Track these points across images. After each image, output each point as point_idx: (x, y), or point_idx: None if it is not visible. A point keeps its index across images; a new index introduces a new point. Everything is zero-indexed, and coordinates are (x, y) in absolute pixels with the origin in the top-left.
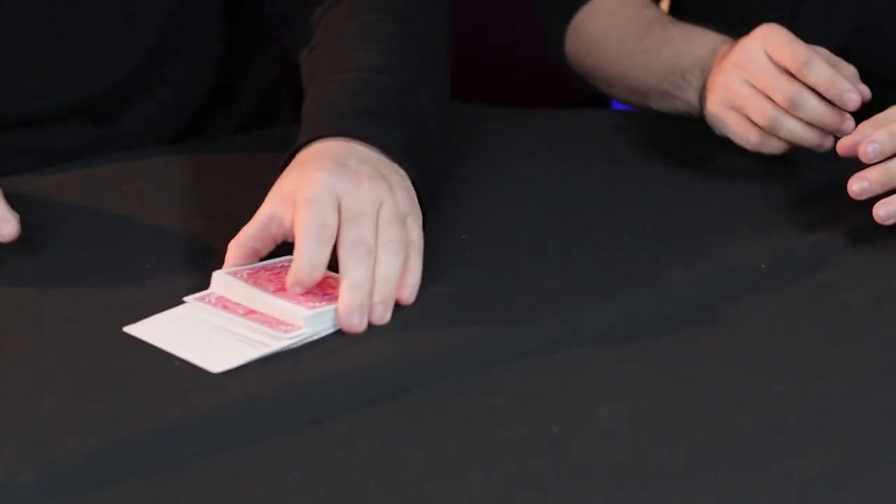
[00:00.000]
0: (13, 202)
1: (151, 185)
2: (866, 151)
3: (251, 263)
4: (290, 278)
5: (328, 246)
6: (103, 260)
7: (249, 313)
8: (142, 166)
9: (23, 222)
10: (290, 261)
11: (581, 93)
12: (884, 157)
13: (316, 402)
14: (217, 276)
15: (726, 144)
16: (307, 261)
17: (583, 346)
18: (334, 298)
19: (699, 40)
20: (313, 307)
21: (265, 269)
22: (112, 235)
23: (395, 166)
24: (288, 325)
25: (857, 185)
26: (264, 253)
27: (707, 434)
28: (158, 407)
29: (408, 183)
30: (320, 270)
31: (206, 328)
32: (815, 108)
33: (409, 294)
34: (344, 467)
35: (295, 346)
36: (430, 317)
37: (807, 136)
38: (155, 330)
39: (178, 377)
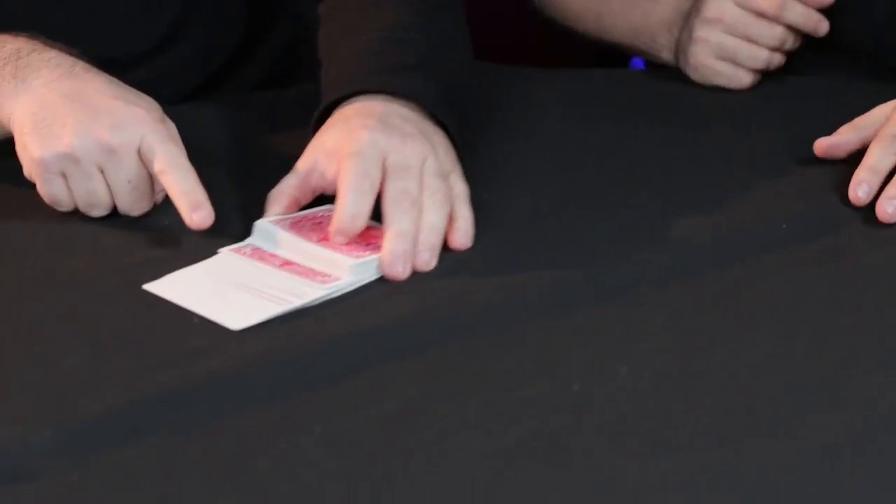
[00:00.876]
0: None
1: None
2: (886, 212)
3: (292, 213)
4: (332, 227)
5: (370, 197)
6: (122, 217)
7: (285, 264)
8: None
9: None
10: (331, 210)
11: (598, 52)
12: None
13: (337, 359)
14: (259, 225)
15: (748, 102)
16: (349, 210)
17: (604, 305)
18: (378, 248)
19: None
20: (358, 256)
21: (307, 218)
22: None
23: (434, 125)
24: (326, 275)
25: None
26: (303, 204)
27: (727, 393)
28: (178, 364)
29: (447, 141)
30: (362, 220)
31: (227, 285)
32: (798, 39)
33: (463, 238)
34: (366, 424)
35: (331, 296)
36: (451, 275)
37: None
38: (175, 287)
39: (198, 334)
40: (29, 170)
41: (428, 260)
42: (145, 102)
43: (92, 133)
